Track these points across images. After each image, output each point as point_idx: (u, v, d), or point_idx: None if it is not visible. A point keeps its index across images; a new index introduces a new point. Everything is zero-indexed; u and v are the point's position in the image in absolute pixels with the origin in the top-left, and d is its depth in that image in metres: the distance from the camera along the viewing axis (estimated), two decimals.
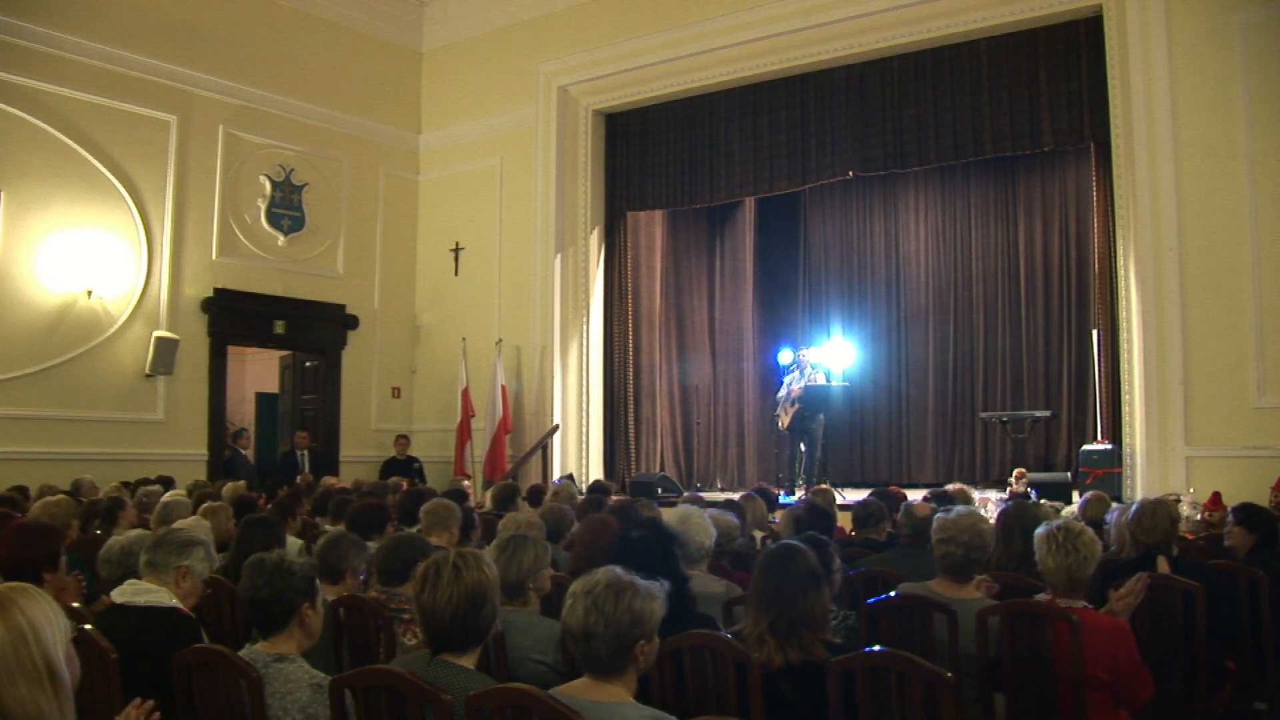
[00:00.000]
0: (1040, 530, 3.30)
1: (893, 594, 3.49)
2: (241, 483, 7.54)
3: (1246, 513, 4.62)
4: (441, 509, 4.81)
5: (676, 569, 3.35)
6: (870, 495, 6.27)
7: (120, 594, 3.17)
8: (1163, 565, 3.91)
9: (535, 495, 7.35)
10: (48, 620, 1.77)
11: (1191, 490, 7.38)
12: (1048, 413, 10.90)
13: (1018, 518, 4.09)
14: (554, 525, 4.96)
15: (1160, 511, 4.07)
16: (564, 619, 2.37)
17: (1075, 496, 8.03)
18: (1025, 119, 9.09)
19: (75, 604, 3.42)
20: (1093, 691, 3.04)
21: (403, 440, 11.41)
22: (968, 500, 5.81)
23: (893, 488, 6.97)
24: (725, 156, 10.76)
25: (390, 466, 10.98)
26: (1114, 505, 5.79)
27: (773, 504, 6.78)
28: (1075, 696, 3.01)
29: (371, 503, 5.22)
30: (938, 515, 3.71)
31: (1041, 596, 3.28)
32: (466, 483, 9.62)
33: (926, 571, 3.68)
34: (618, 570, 2.41)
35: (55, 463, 8.62)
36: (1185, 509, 6.44)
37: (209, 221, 10.38)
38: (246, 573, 2.80)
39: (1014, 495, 8.39)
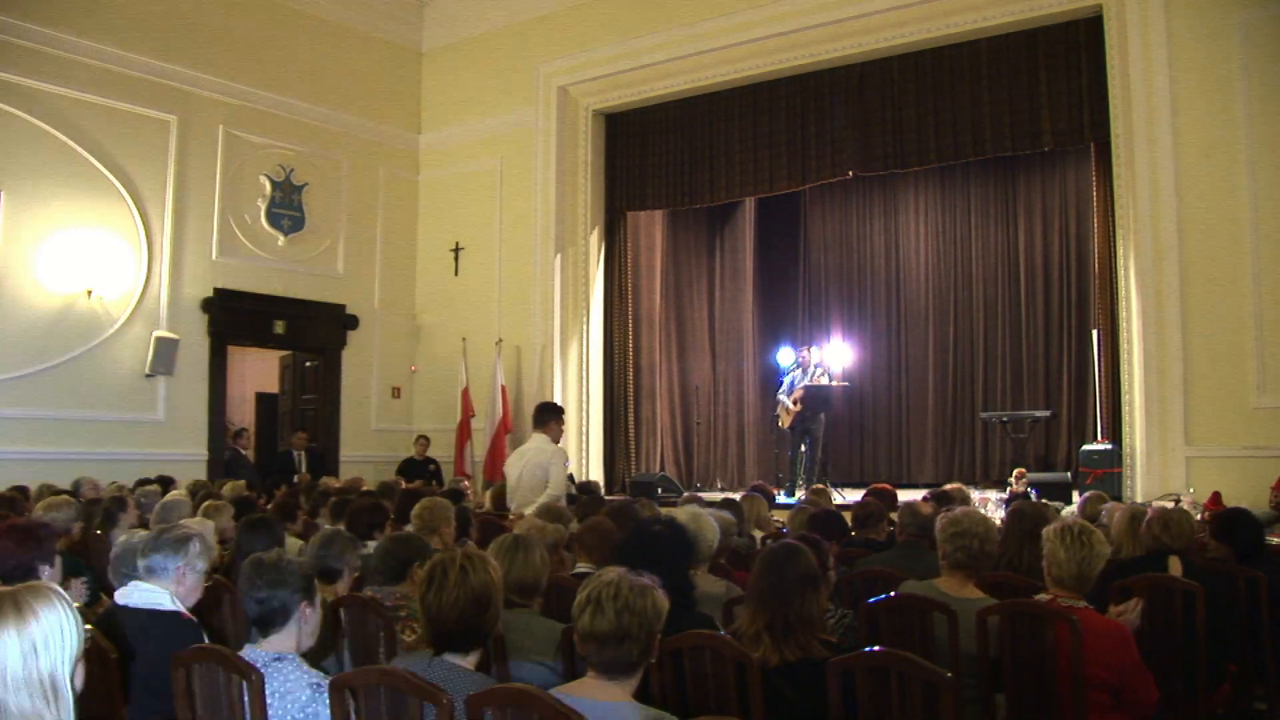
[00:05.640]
0: (1052, 526, 3.31)
1: (892, 593, 3.48)
2: (241, 482, 7.54)
3: (1222, 526, 4.55)
4: (434, 508, 4.78)
5: (685, 569, 3.36)
6: (865, 495, 6.27)
7: (121, 595, 3.18)
8: (1175, 566, 3.90)
9: None
10: (60, 630, 1.78)
11: (1191, 490, 7.38)
12: (1048, 413, 10.91)
13: (1033, 518, 4.07)
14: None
15: (1183, 517, 4.15)
16: (588, 624, 2.28)
17: (1075, 496, 8.03)
18: (1025, 119, 9.09)
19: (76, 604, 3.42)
20: (1093, 692, 3.04)
21: (423, 441, 11.34)
22: (966, 500, 5.82)
23: (879, 485, 6.95)
24: (725, 156, 10.76)
25: (407, 467, 10.90)
26: (1109, 503, 5.79)
27: (770, 502, 6.78)
28: (1076, 697, 3.01)
29: (369, 503, 5.21)
30: (941, 514, 3.70)
31: (1042, 596, 3.28)
32: (466, 483, 9.63)
33: (927, 571, 3.67)
34: (623, 569, 2.40)
35: (55, 463, 8.59)
36: (1185, 509, 6.44)
37: (209, 221, 10.37)
38: (245, 572, 2.79)
39: (1014, 495, 8.39)
